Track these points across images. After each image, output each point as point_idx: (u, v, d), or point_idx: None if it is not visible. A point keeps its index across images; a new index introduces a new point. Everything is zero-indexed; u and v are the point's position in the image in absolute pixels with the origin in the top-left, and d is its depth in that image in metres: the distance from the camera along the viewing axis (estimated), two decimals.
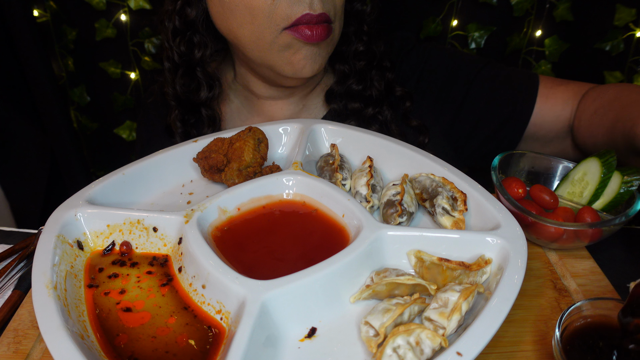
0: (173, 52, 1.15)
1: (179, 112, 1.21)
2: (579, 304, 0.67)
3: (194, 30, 1.13)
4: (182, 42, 1.14)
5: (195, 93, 1.18)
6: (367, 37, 1.18)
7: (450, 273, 0.76)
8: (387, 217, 0.86)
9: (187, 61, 1.16)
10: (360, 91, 1.20)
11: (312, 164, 1.03)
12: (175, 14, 1.12)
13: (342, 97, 1.21)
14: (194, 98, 1.18)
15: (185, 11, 1.11)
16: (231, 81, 1.26)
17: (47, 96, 1.99)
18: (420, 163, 0.96)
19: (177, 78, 1.18)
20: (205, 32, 1.14)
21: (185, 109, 1.21)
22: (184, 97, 1.19)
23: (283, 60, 1.05)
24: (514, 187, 0.93)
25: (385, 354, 0.63)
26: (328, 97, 1.23)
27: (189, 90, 1.18)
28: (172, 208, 0.91)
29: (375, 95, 1.20)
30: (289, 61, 1.04)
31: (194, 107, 1.20)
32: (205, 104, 1.20)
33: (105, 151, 2.24)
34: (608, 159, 0.91)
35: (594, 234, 0.85)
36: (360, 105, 1.20)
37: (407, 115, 1.23)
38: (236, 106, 1.27)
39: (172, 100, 1.20)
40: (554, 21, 1.84)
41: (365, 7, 1.17)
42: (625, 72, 1.85)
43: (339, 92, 1.21)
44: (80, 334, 0.68)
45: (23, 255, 0.96)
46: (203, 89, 1.18)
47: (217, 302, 0.73)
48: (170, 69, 1.18)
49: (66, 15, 1.95)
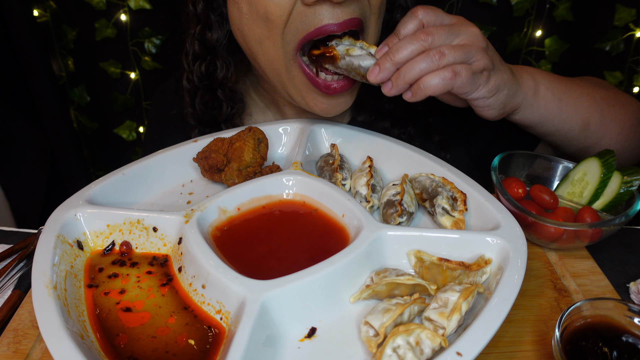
0: (193, 74, 1.12)
1: (198, 131, 1.18)
2: (579, 304, 0.67)
3: (215, 54, 1.09)
4: (202, 65, 1.11)
5: (217, 111, 1.16)
6: None
7: (450, 273, 0.76)
8: (387, 217, 0.86)
9: (208, 84, 1.13)
10: (392, 110, 1.16)
11: (312, 164, 1.03)
12: (195, 38, 1.09)
13: (372, 112, 1.18)
14: (215, 116, 1.16)
15: (206, 36, 1.07)
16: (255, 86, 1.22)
17: (47, 96, 1.99)
18: (420, 163, 0.96)
19: (197, 99, 1.15)
20: (227, 55, 1.10)
21: (205, 126, 1.18)
22: (204, 116, 1.16)
23: (299, 96, 1.00)
24: (514, 187, 0.93)
25: (385, 354, 0.63)
26: (357, 107, 1.18)
27: (209, 110, 1.16)
28: (172, 208, 0.91)
29: (401, 116, 1.17)
30: (306, 103, 1.00)
31: (214, 124, 1.18)
32: (227, 120, 1.17)
33: (105, 151, 2.24)
34: (608, 159, 0.91)
35: (594, 234, 0.85)
36: (390, 124, 1.17)
37: (430, 131, 1.21)
38: (260, 111, 1.24)
39: (191, 120, 1.18)
40: (554, 21, 1.84)
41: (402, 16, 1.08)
42: (625, 72, 1.85)
43: (369, 106, 1.17)
44: (80, 334, 0.68)
45: (23, 255, 0.96)
46: (224, 107, 1.15)
47: (217, 302, 0.73)
48: (190, 91, 1.15)
49: (66, 15, 1.95)
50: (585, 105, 1.03)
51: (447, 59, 0.83)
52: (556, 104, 0.99)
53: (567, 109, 1.01)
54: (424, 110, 1.20)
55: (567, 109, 1.01)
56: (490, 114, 0.94)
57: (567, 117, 1.01)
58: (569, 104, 1.01)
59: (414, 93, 0.85)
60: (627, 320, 0.67)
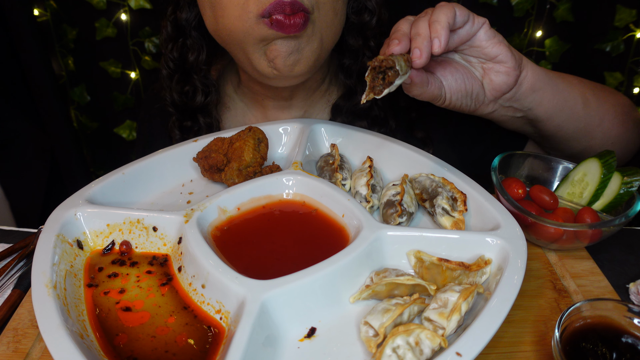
0: (167, 58, 1.15)
1: (176, 119, 1.20)
2: (579, 304, 0.67)
3: (186, 35, 1.12)
4: (174, 48, 1.13)
5: (191, 99, 1.17)
6: (372, 53, 1.15)
7: (450, 273, 0.76)
8: (387, 217, 0.86)
9: (181, 67, 1.15)
10: (367, 110, 1.17)
11: (312, 164, 1.03)
12: (167, 20, 1.12)
13: (348, 114, 1.18)
14: (190, 104, 1.17)
15: (177, 16, 1.10)
16: (237, 86, 1.25)
17: (47, 95, 1.99)
18: (420, 163, 0.96)
19: (174, 84, 1.17)
20: (199, 36, 1.12)
21: (182, 116, 1.20)
22: (180, 103, 1.18)
23: (258, 53, 0.98)
24: (513, 188, 0.93)
25: (384, 354, 0.63)
26: (334, 112, 1.20)
27: (185, 97, 1.17)
28: (172, 208, 0.91)
29: (380, 116, 1.17)
30: (264, 54, 0.97)
31: (191, 113, 1.19)
32: (202, 110, 1.18)
33: (105, 150, 2.24)
34: (608, 160, 0.91)
35: (594, 234, 0.85)
36: (367, 124, 1.17)
37: (412, 126, 1.21)
38: (241, 111, 1.26)
39: (169, 107, 1.19)
40: (555, 22, 1.84)
41: (372, 20, 1.11)
42: (625, 73, 1.85)
43: (345, 108, 1.18)
44: (79, 334, 0.68)
45: (23, 254, 0.96)
46: (199, 94, 1.16)
47: (217, 302, 0.73)
48: (167, 76, 1.18)
49: (66, 15, 1.95)
50: (576, 83, 1.03)
51: None
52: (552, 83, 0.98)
53: (563, 86, 1.00)
54: (407, 105, 1.20)
55: (563, 86, 1.00)
56: (505, 69, 0.92)
57: (567, 94, 1.00)
58: (564, 82, 1.00)
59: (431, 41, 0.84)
60: (627, 321, 0.67)
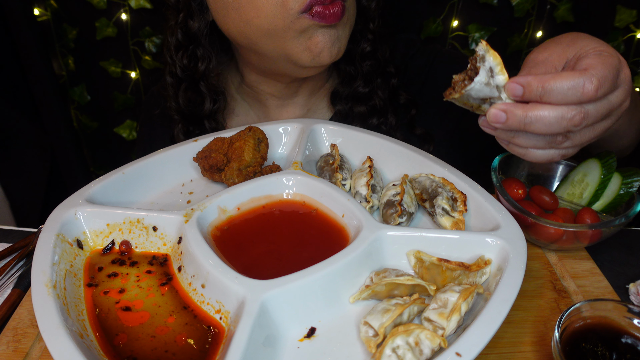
0: (176, 66, 1.13)
1: (182, 126, 1.19)
2: (579, 305, 0.67)
3: (197, 44, 1.11)
4: (184, 56, 1.12)
5: (199, 106, 1.16)
6: (373, 35, 1.16)
7: (450, 273, 0.76)
8: (386, 218, 0.86)
9: (190, 75, 1.14)
10: (366, 94, 1.17)
11: (312, 164, 1.03)
12: (177, 27, 1.10)
13: (348, 99, 1.19)
14: (198, 111, 1.17)
15: (188, 24, 1.08)
16: (238, 85, 1.25)
17: (48, 95, 1.99)
18: (420, 163, 0.96)
19: (180, 92, 1.16)
20: (209, 45, 1.11)
21: (188, 122, 1.20)
22: (187, 111, 1.17)
23: (300, 47, 0.99)
24: (513, 188, 0.93)
25: (384, 354, 0.63)
26: (333, 98, 1.21)
27: (192, 104, 1.17)
28: (172, 207, 0.91)
29: (380, 106, 1.18)
30: (306, 47, 0.99)
31: (198, 120, 1.19)
32: (209, 116, 1.18)
33: (105, 150, 2.25)
34: (608, 160, 0.91)
35: (594, 235, 0.85)
36: (367, 109, 1.18)
37: (412, 123, 1.21)
38: (243, 110, 1.26)
39: (175, 114, 1.19)
40: (555, 22, 1.84)
41: (371, 3, 1.13)
42: None
43: (344, 94, 1.19)
44: (79, 333, 0.68)
45: (22, 253, 0.96)
46: (207, 102, 1.16)
47: (217, 302, 0.73)
48: (173, 84, 1.16)
49: (67, 14, 1.96)
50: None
51: (568, 142, 0.73)
52: None
53: None
54: (407, 102, 1.20)
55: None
56: None
57: None
58: None
59: (507, 146, 0.77)
60: (627, 321, 0.67)
